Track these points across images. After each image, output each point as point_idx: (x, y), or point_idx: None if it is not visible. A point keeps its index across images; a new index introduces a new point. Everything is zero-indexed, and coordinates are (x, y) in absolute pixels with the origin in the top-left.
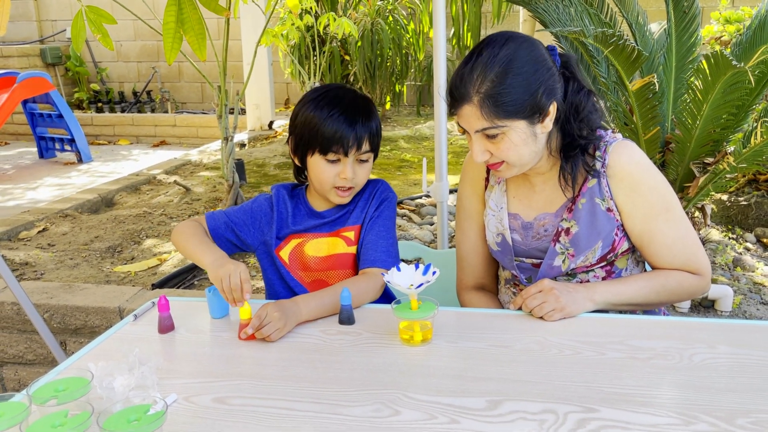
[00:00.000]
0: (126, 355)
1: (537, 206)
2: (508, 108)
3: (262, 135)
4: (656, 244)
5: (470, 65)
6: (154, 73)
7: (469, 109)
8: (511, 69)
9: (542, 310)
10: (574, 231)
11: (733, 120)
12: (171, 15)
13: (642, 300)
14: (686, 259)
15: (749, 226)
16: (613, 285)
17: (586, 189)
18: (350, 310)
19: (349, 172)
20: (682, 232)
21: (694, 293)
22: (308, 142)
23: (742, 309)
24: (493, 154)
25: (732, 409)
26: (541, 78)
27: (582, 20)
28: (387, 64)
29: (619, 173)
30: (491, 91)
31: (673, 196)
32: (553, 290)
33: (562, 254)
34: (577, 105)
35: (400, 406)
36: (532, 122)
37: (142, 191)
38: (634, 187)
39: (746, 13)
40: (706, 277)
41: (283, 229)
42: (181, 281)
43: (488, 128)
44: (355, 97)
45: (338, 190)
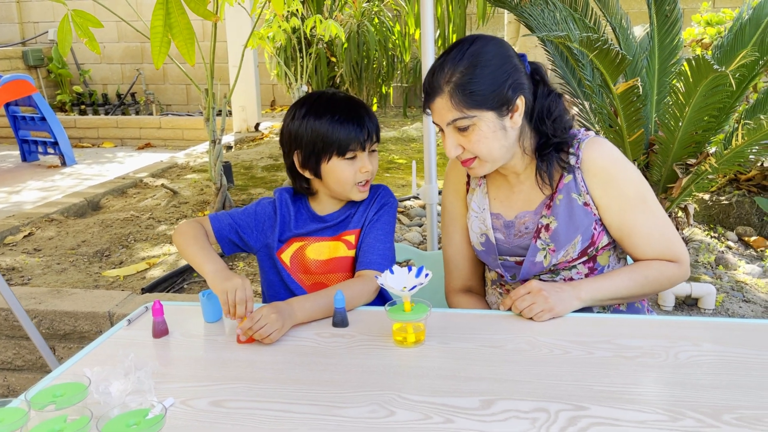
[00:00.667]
0: (121, 360)
1: (517, 205)
2: (476, 98)
3: (248, 137)
4: (635, 235)
5: (440, 62)
6: (138, 75)
7: (440, 101)
8: (479, 62)
9: (531, 311)
10: (553, 227)
11: (715, 122)
12: (158, 19)
13: (626, 293)
14: (664, 247)
15: (730, 224)
16: (597, 281)
17: (562, 185)
18: (344, 313)
19: (368, 164)
20: (658, 221)
21: (675, 281)
22: (322, 149)
23: (724, 307)
24: (465, 148)
25: (717, 405)
26: (507, 72)
27: (567, 24)
28: (373, 66)
29: (592, 168)
30: (460, 81)
31: (647, 187)
32: (541, 291)
33: (543, 250)
34: (549, 106)
35: (395, 407)
36: (500, 115)
37: (128, 194)
38: (609, 181)
39: (727, 15)
40: (684, 265)
41: (285, 232)
42: (171, 285)
43: (458, 118)
44: (346, 96)
45: (359, 186)
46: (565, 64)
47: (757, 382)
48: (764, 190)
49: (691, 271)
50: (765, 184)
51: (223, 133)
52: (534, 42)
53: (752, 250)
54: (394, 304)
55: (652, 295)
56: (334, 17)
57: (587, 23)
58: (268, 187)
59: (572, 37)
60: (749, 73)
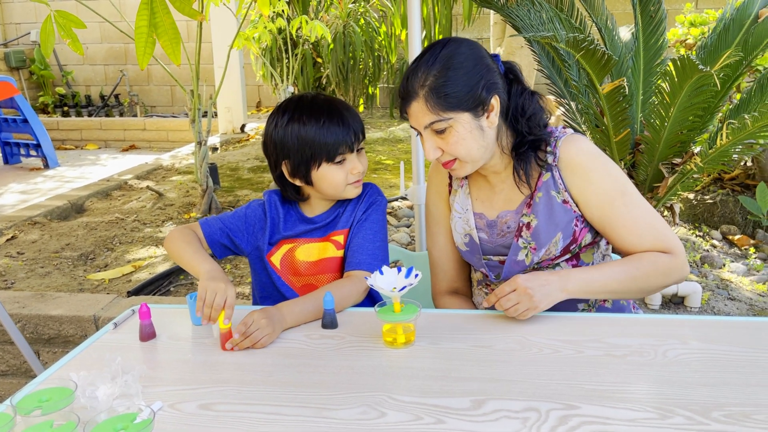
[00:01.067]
0: (108, 364)
1: (498, 205)
2: (451, 100)
3: (234, 138)
4: (619, 227)
5: (414, 66)
6: (122, 76)
7: (416, 105)
8: (452, 64)
9: (516, 311)
10: (534, 225)
11: (699, 122)
12: (143, 19)
13: (618, 286)
14: (653, 238)
15: (715, 223)
16: (588, 272)
17: (541, 183)
18: (333, 315)
19: (358, 164)
20: (642, 213)
21: (672, 275)
22: (311, 158)
23: (710, 305)
24: (444, 150)
25: (706, 403)
26: (480, 72)
27: (553, 24)
28: (359, 67)
29: (570, 165)
30: (434, 84)
31: (626, 180)
32: (527, 290)
33: (524, 248)
34: (523, 105)
35: (386, 408)
36: (476, 115)
37: (113, 197)
38: (586, 176)
39: (710, 16)
40: (678, 256)
41: (274, 234)
42: (157, 288)
43: (435, 121)
44: (326, 98)
45: (353, 185)
46: (551, 64)
47: (744, 380)
48: (748, 189)
49: None
50: (748, 183)
51: (208, 135)
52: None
53: (736, 248)
54: (384, 305)
55: (648, 292)
56: (320, 18)
57: (573, 23)
58: (254, 188)
59: (559, 38)
60: (733, 73)
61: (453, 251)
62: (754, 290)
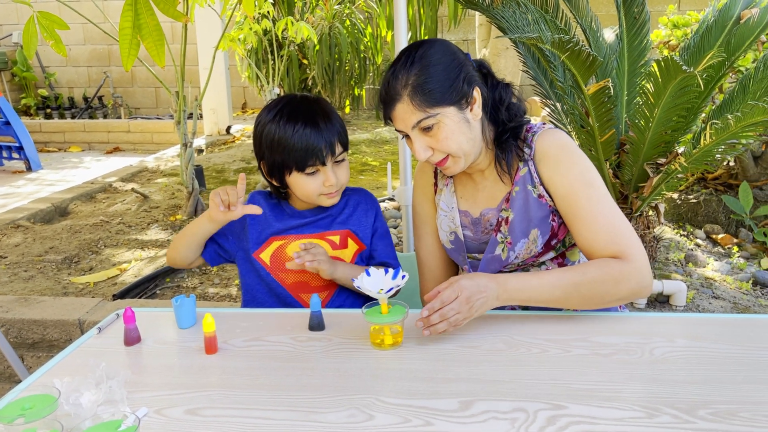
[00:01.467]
0: (92, 370)
1: (482, 202)
2: (435, 95)
3: (220, 140)
4: (578, 220)
5: (392, 71)
6: (105, 78)
7: (401, 107)
8: (430, 62)
9: (456, 321)
10: (510, 219)
11: (683, 122)
12: (127, 20)
13: (559, 294)
14: (610, 238)
15: (699, 223)
16: (525, 278)
17: (518, 177)
18: (320, 317)
19: (332, 178)
20: (604, 209)
21: (620, 281)
22: (282, 163)
23: (695, 303)
24: (434, 148)
25: (692, 401)
26: (458, 66)
27: (539, 25)
28: (345, 68)
29: (543, 157)
30: (416, 82)
31: (596, 175)
32: (469, 299)
33: (501, 243)
34: (500, 96)
35: (374, 411)
36: (461, 108)
37: (97, 199)
38: (555, 167)
39: (693, 17)
40: (633, 261)
41: (263, 231)
42: (143, 291)
43: (423, 119)
44: (309, 104)
45: (326, 195)
46: (537, 65)
47: (730, 377)
48: (731, 189)
49: (662, 269)
50: (731, 182)
51: (194, 136)
52: (505, 44)
53: (720, 247)
54: (371, 306)
55: (599, 302)
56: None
57: (558, 25)
58: None
59: (544, 39)
60: (716, 73)
61: (440, 252)
62: (737, 288)
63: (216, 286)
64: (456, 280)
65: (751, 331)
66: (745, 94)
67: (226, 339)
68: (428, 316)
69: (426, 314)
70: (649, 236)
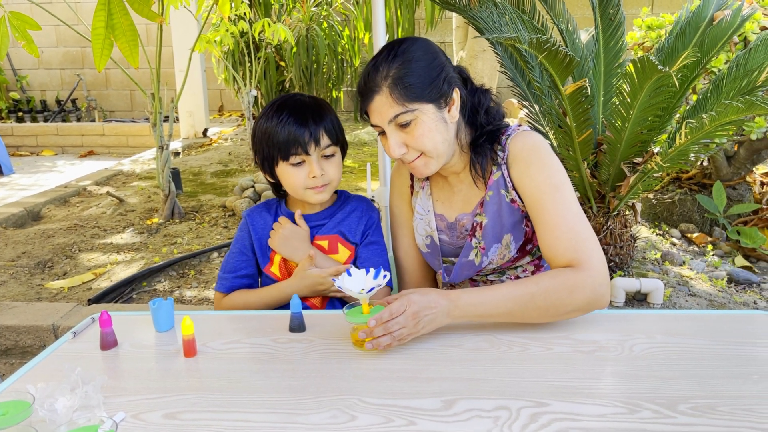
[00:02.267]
0: (67, 375)
1: (457, 206)
2: (415, 90)
3: (196, 143)
4: (542, 223)
5: (373, 64)
6: (79, 81)
7: (379, 99)
8: (412, 57)
9: (400, 336)
10: (484, 224)
11: (659, 122)
12: (100, 20)
13: (513, 306)
14: (570, 245)
15: (674, 222)
16: (478, 294)
17: (492, 182)
18: (301, 318)
19: (316, 169)
20: (568, 214)
21: (575, 290)
22: (269, 153)
23: (672, 301)
24: (409, 145)
25: (672, 396)
26: (439, 66)
27: (516, 26)
28: (323, 70)
29: (514, 160)
30: (397, 75)
31: (565, 180)
32: (416, 314)
33: (475, 248)
34: (479, 99)
35: (356, 411)
36: (439, 107)
37: (71, 203)
38: (525, 169)
39: (666, 19)
40: (589, 270)
41: (266, 244)
42: (119, 295)
43: (400, 113)
44: (303, 99)
45: (313, 189)
46: (514, 66)
47: (708, 372)
48: (704, 188)
49: (639, 268)
50: (705, 182)
51: (170, 139)
52: (482, 46)
53: (695, 246)
54: (352, 306)
55: (555, 313)
56: (283, 21)
57: (536, 26)
58: (217, 193)
59: (521, 39)
60: (690, 74)
61: (418, 254)
62: (713, 286)
63: (194, 289)
64: (407, 293)
65: (728, 327)
66: (718, 94)
67: (205, 341)
68: (372, 328)
69: (372, 324)
70: (626, 235)
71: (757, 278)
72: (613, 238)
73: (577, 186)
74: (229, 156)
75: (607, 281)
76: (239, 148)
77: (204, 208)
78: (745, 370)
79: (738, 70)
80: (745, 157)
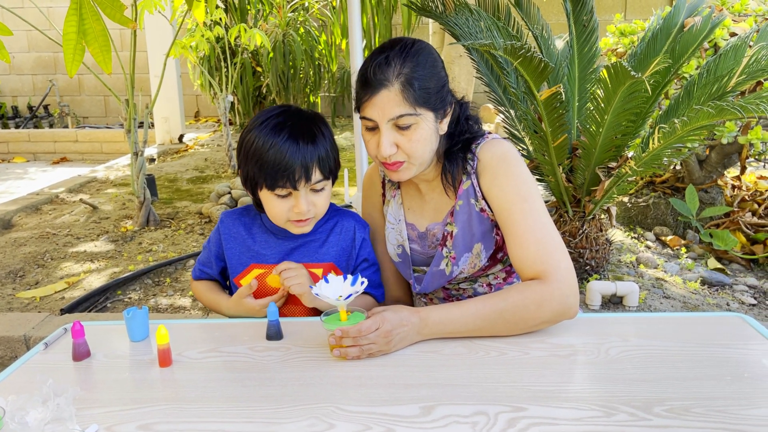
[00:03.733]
0: (39, 387)
1: (428, 215)
2: (426, 95)
3: (172, 149)
4: (511, 234)
5: (385, 56)
6: (51, 87)
7: (387, 94)
8: (425, 61)
9: (369, 350)
10: (455, 233)
11: (633, 126)
12: (72, 25)
13: (482, 323)
14: (538, 257)
15: (648, 225)
16: (447, 311)
17: (462, 191)
18: (278, 326)
19: (303, 205)
20: (536, 225)
21: (542, 304)
22: (254, 176)
23: (647, 303)
24: (401, 147)
25: (648, 398)
26: (445, 76)
27: (491, 32)
28: (300, 76)
29: (484, 169)
30: (412, 75)
31: (534, 190)
32: (389, 333)
33: (446, 258)
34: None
35: (334, 419)
36: (437, 117)
37: (43, 211)
38: (493, 178)
39: (639, 26)
40: (556, 282)
41: (243, 254)
42: (93, 305)
43: (406, 114)
44: (300, 123)
45: (294, 222)
46: (490, 72)
47: (682, 374)
48: (678, 192)
49: (615, 271)
50: (678, 186)
51: (145, 145)
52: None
53: (669, 249)
54: (330, 314)
55: (525, 326)
56: (259, 26)
57: (511, 32)
58: (193, 199)
59: (497, 45)
60: (662, 79)
61: (392, 262)
62: (686, 288)
63: (169, 297)
64: (380, 311)
65: (702, 329)
66: (690, 99)
67: (181, 351)
68: (341, 337)
69: (339, 333)
70: (601, 239)
71: (729, 280)
72: (589, 241)
73: (553, 190)
74: (205, 162)
75: (575, 291)
76: (216, 154)
77: (180, 215)
78: (719, 371)
79: (708, 75)
80: (716, 161)
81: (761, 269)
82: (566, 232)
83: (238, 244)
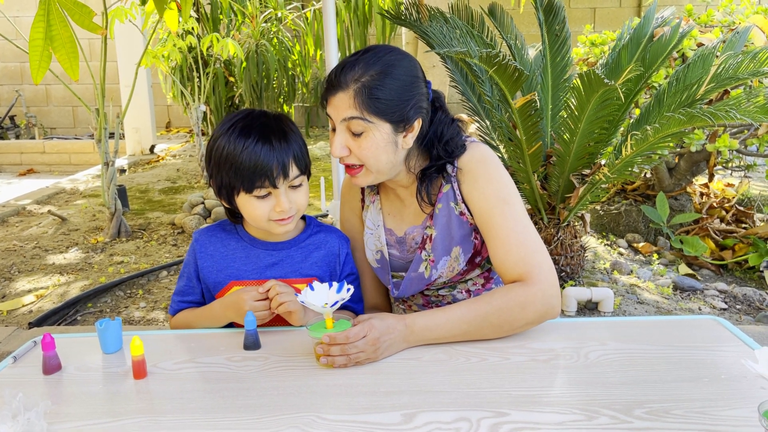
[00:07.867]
0: (8, 401)
1: (408, 219)
2: (379, 105)
3: (143, 159)
4: (492, 237)
5: (353, 59)
6: (17, 97)
7: (342, 96)
8: (391, 72)
9: (357, 358)
10: (434, 236)
11: (605, 134)
12: (38, 32)
13: (468, 327)
14: (519, 259)
15: (621, 232)
16: (432, 317)
17: (441, 195)
18: (255, 335)
19: (284, 203)
20: (518, 227)
21: (526, 306)
22: (230, 182)
23: (622, 309)
24: (353, 152)
25: (627, 401)
26: (413, 92)
27: (466, 41)
28: (273, 86)
29: (463, 171)
30: (368, 83)
31: (514, 192)
32: (376, 341)
33: (425, 261)
34: (442, 131)
35: (315, 428)
36: (396, 130)
37: (10, 223)
38: (473, 182)
39: (609, 36)
40: (538, 284)
41: (221, 271)
42: (63, 318)
43: (355, 118)
44: (268, 122)
45: (276, 222)
46: (465, 80)
47: (660, 376)
48: (648, 199)
49: (590, 277)
50: (649, 193)
51: (116, 156)
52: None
53: (641, 255)
54: (316, 321)
55: (509, 329)
56: (232, 36)
57: (485, 41)
58: (165, 210)
59: (472, 53)
60: (633, 87)
61: (370, 268)
62: (660, 293)
63: (142, 309)
64: (368, 318)
65: (677, 332)
66: (660, 107)
67: (156, 362)
68: (329, 346)
69: (326, 340)
70: (576, 245)
71: (700, 285)
72: (564, 248)
73: (527, 198)
74: (177, 172)
75: (557, 292)
76: (188, 164)
77: (152, 226)
78: (696, 373)
79: (678, 84)
80: (685, 169)
81: (730, 274)
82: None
83: (215, 262)
